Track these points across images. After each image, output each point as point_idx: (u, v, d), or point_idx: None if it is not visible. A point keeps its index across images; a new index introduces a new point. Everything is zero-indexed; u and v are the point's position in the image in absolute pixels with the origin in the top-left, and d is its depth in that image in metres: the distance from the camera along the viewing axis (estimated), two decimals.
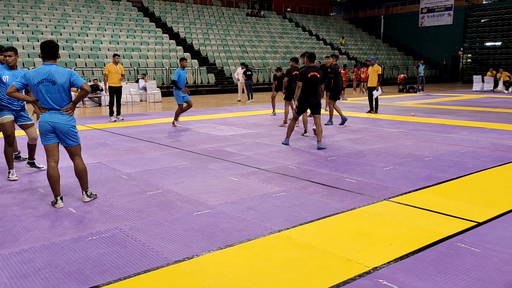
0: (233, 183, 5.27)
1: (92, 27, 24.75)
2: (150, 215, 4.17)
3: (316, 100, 7.57)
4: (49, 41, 4.37)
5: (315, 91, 7.52)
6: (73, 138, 4.47)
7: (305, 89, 7.48)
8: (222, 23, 32.22)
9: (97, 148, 7.62)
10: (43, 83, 4.24)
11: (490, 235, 3.62)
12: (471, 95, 20.92)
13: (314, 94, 7.52)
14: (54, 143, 4.43)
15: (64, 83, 4.31)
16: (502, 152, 7.01)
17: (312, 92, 7.51)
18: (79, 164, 4.55)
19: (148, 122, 11.28)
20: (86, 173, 4.60)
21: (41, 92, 4.26)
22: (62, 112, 4.36)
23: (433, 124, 10.39)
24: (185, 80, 10.40)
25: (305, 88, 7.47)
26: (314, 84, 7.47)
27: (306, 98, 7.52)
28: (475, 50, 34.39)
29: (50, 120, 4.32)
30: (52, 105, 4.30)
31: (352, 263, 3.12)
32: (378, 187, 5.04)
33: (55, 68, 4.31)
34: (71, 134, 4.43)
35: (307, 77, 7.42)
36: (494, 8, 33.20)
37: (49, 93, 4.27)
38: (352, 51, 35.80)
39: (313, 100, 7.53)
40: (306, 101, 7.55)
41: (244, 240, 3.54)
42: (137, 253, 3.32)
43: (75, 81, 4.36)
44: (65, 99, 4.38)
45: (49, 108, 4.31)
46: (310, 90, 7.49)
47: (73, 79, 4.35)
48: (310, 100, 7.53)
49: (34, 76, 4.26)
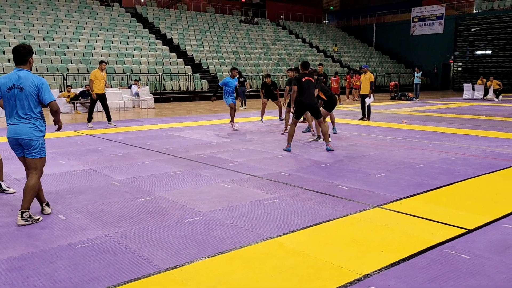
0: (225, 190, 5.26)
1: (84, 33, 24.70)
2: (141, 222, 4.14)
3: (311, 102, 7.87)
4: (20, 45, 4.10)
5: (310, 94, 7.87)
6: (34, 151, 4.10)
7: (301, 93, 7.87)
8: (215, 29, 32.32)
9: (88, 154, 7.57)
10: (13, 89, 4.00)
11: (480, 242, 3.64)
12: (462, 103, 21.12)
13: (309, 97, 7.85)
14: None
15: (32, 91, 4.00)
16: (492, 160, 7.07)
17: (307, 96, 7.84)
18: (32, 179, 4.10)
19: (140, 128, 11.24)
20: (33, 192, 4.09)
21: (11, 99, 4.01)
22: (29, 121, 4.05)
23: (425, 132, 10.46)
24: (233, 87, 11.31)
25: (300, 92, 7.87)
26: (308, 88, 7.84)
27: (302, 101, 7.87)
28: (465, 58, 34.76)
29: (15, 133, 4.03)
30: (19, 114, 4.01)
31: (344, 270, 3.12)
32: (370, 194, 5.05)
33: (25, 74, 4.03)
34: (33, 145, 4.07)
35: (301, 81, 7.82)
36: (484, 17, 33.62)
37: (18, 100, 4.00)
38: (345, 58, 36.04)
39: (308, 102, 7.85)
40: (302, 104, 7.89)
41: (236, 247, 3.53)
42: (127, 260, 3.29)
43: (43, 95, 4.03)
44: (33, 108, 4.05)
45: (16, 117, 4.03)
46: (306, 94, 7.83)
47: (42, 91, 4.03)
48: (305, 103, 7.86)
49: (4, 82, 4.04)
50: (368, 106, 12.98)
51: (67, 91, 16.38)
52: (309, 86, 7.84)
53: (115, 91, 17.94)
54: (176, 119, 13.58)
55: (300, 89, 7.84)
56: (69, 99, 16.06)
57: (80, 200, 4.84)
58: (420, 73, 23.61)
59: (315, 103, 7.95)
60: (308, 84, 7.83)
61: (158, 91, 22.07)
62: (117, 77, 21.25)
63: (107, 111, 11.83)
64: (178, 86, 23.19)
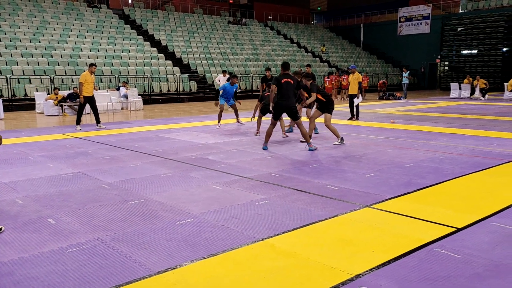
0: (216, 192, 5.25)
1: (71, 35, 24.48)
2: (132, 225, 4.12)
3: (289, 104, 7.97)
4: None
5: (288, 96, 7.95)
6: None
7: (279, 95, 7.95)
8: (203, 31, 32.25)
9: (77, 157, 7.51)
10: None
11: (469, 241, 3.68)
12: (449, 102, 21.36)
13: (286, 98, 7.94)
14: None
15: None
16: (479, 158, 7.17)
17: (286, 97, 7.93)
18: None
19: (129, 131, 11.17)
20: None
21: None
22: None
23: (413, 131, 10.56)
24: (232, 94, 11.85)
25: (279, 94, 7.95)
26: (287, 90, 7.91)
27: (280, 103, 7.98)
28: (452, 58, 35.16)
29: None
30: None
31: (336, 270, 3.14)
32: (360, 194, 5.09)
33: None
34: None
35: (281, 83, 7.88)
36: (470, 17, 34.05)
37: None
38: (333, 58, 36.22)
39: (286, 104, 7.96)
40: (279, 106, 8.00)
41: (227, 249, 3.53)
42: (118, 264, 3.27)
43: None
44: None
45: None
46: (284, 96, 7.93)
47: None
48: (283, 104, 7.96)
49: None
50: (357, 106, 13.07)
51: (54, 94, 16.22)
52: (287, 88, 7.87)
53: (103, 93, 17.82)
54: (165, 121, 13.53)
55: (279, 90, 7.89)
56: (56, 101, 15.91)
57: (70, 204, 4.80)
58: (407, 73, 23.86)
59: (293, 105, 8.02)
60: (287, 86, 7.87)
61: (147, 92, 21.96)
62: (105, 79, 21.09)
63: (96, 114, 11.74)
64: (166, 87, 23.10)
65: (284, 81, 7.87)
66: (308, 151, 7.92)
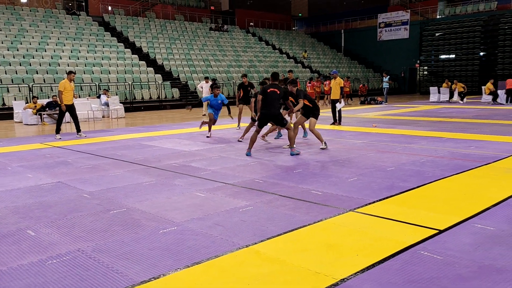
0: (199, 199, 5.21)
1: (50, 42, 24.15)
2: (113, 235, 4.05)
3: (274, 112, 8.18)
4: None
5: (273, 106, 8.16)
6: None
7: (264, 104, 8.14)
8: (185, 37, 32.17)
9: (57, 167, 7.37)
10: None
11: (451, 242, 3.73)
12: (429, 105, 21.71)
13: (270, 107, 8.13)
14: None
15: None
16: (459, 161, 7.28)
17: (271, 107, 8.13)
18: None
19: (111, 139, 11.03)
20: None
21: None
22: None
23: (394, 135, 10.69)
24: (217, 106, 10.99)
25: (264, 103, 8.15)
26: (272, 99, 8.13)
27: (265, 113, 8.17)
28: (431, 62, 35.82)
29: None
30: None
31: (320, 275, 3.14)
32: (343, 198, 5.11)
33: None
34: None
35: (267, 92, 8.11)
36: (447, 22, 34.78)
37: None
38: (315, 64, 36.52)
39: (272, 113, 8.16)
40: (265, 115, 8.20)
41: (211, 257, 3.49)
42: (100, 275, 3.21)
43: None
44: None
45: None
46: (269, 105, 8.12)
47: None
48: (269, 113, 8.17)
49: None
50: (339, 111, 13.17)
51: (33, 103, 15.95)
52: (273, 97, 8.10)
53: (83, 101, 17.59)
54: (148, 129, 13.42)
55: (264, 100, 8.10)
56: (35, 110, 15.64)
57: (49, 215, 4.70)
58: (388, 78, 24.20)
59: (278, 114, 8.24)
60: (272, 96, 8.10)
61: (128, 100, 21.76)
62: (85, 87, 20.83)
63: (76, 122, 11.58)
64: (148, 94, 22.93)
65: (270, 90, 8.11)
66: (291, 156, 7.94)
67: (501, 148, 8.43)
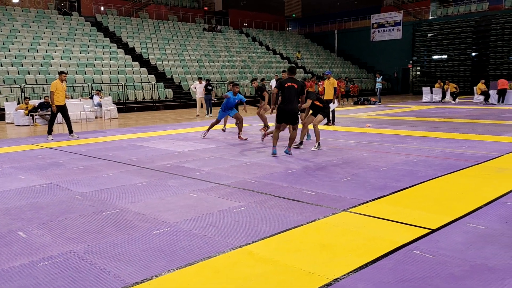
0: (192, 200, 5.19)
1: (42, 43, 23.98)
2: (106, 236, 4.02)
3: (292, 108, 7.92)
4: None
5: (290, 101, 7.90)
6: None
7: (282, 99, 7.93)
8: (178, 38, 32.09)
9: (49, 168, 7.32)
10: None
11: (443, 242, 3.74)
12: (421, 106, 21.82)
13: (289, 103, 7.90)
14: None
15: None
16: (451, 160, 7.32)
17: (288, 102, 7.90)
18: None
19: (103, 140, 10.97)
20: None
21: None
22: None
23: (387, 135, 10.73)
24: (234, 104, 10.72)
25: (282, 98, 7.93)
26: (289, 94, 7.87)
27: (283, 108, 7.95)
28: (423, 63, 36.02)
29: None
30: None
31: (314, 275, 3.14)
32: (336, 198, 5.12)
33: None
34: None
35: (284, 87, 7.85)
36: (440, 23, 34.99)
37: None
38: (308, 64, 36.57)
39: (289, 108, 7.91)
40: (282, 110, 7.97)
41: (205, 257, 3.48)
42: (92, 277, 3.19)
43: None
44: None
45: None
46: (286, 100, 7.89)
47: None
48: (286, 109, 7.92)
49: None
50: (333, 111, 13.20)
51: (25, 103, 15.83)
52: (291, 92, 7.83)
53: (76, 102, 17.49)
54: (141, 129, 13.36)
55: (282, 94, 7.88)
56: (27, 111, 15.52)
57: (41, 216, 4.66)
58: (381, 78, 24.30)
59: (295, 110, 7.99)
60: (290, 90, 7.82)
61: (122, 101, 21.66)
62: (77, 88, 20.72)
63: (69, 123, 11.50)
64: (142, 95, 22.85)
65: (287, 85, 7.82)
66: (284, 155, 7.93)
67: (493, 148, 8.49)
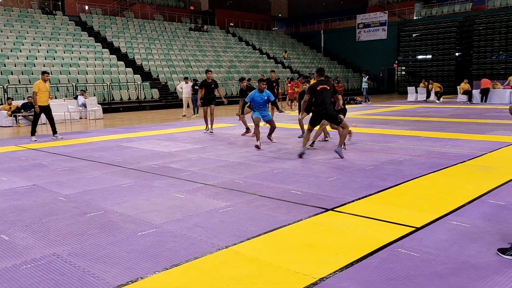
0: (178, 200, 5.16)
1: (26, 42, 23.62)
2: (90, 238, 3.98)
3: (328, 111, 7.61)
4: None
5: (325, 103, 7.59)
6: None
7: (316, 103, 7.67)
8: (164, 37, 31.90)
9: (32, 170, 7.21)
10: None
11: (427, 239, 3.78)
12: (406, 105, 22.04)
13: (324, 106, 7.59)
14: None
15: None
16: (436, 159, 7.41)
17: (323, 106, 7.59)
18: None
19: (88, 140, 10.85)
20: None
21: None
22: None
23: (373, 134, 10.81)
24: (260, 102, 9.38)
25: (316, 103, 7.66)
26: (323, 96, 7.56)
27: (318, 113, 7.69)
28: (408, 63, 36.39)
29: None
30: None
31: (300, 275, 3.14)
32: (323, 198, 5.13)
33: None
34: None
35: (316, 90, 7.56)
36: (424, 23, 35.38)
37: None
38: (295, 64, 36.68)
39: (325, 113, 7.62)
40: (318, 115, 7.73)
41: (191, 258, 3.46)
42: (76, 280, 3.14)
43: None
44: None
45: None
46: (321, 103, 7.59)
47: None
48: (321, 113, 7.67)
49: None
50: None
51: (7, 104, 15.57)
52: (324, 94, 7.53)
53: (60, 102, 17.25)
54: (126, 130, 13.25)
55: (315, 99, 7.58)
56: (10, 112, 15.27)
57: (24, 218, 4.59)
58: (367, 78, 24.49)
59: (331, 112, 7.66)
60: (323, 93, 7.52)
61: (107, 101, 21.45)
62: (61, 88, 20.44)
63: (52, 124, 11.35)
64: (127, 95, 22.65)
65: (320, 88, 7.53)
66: (280, 157, 7.94)
67: (476, 147, 8.61)
